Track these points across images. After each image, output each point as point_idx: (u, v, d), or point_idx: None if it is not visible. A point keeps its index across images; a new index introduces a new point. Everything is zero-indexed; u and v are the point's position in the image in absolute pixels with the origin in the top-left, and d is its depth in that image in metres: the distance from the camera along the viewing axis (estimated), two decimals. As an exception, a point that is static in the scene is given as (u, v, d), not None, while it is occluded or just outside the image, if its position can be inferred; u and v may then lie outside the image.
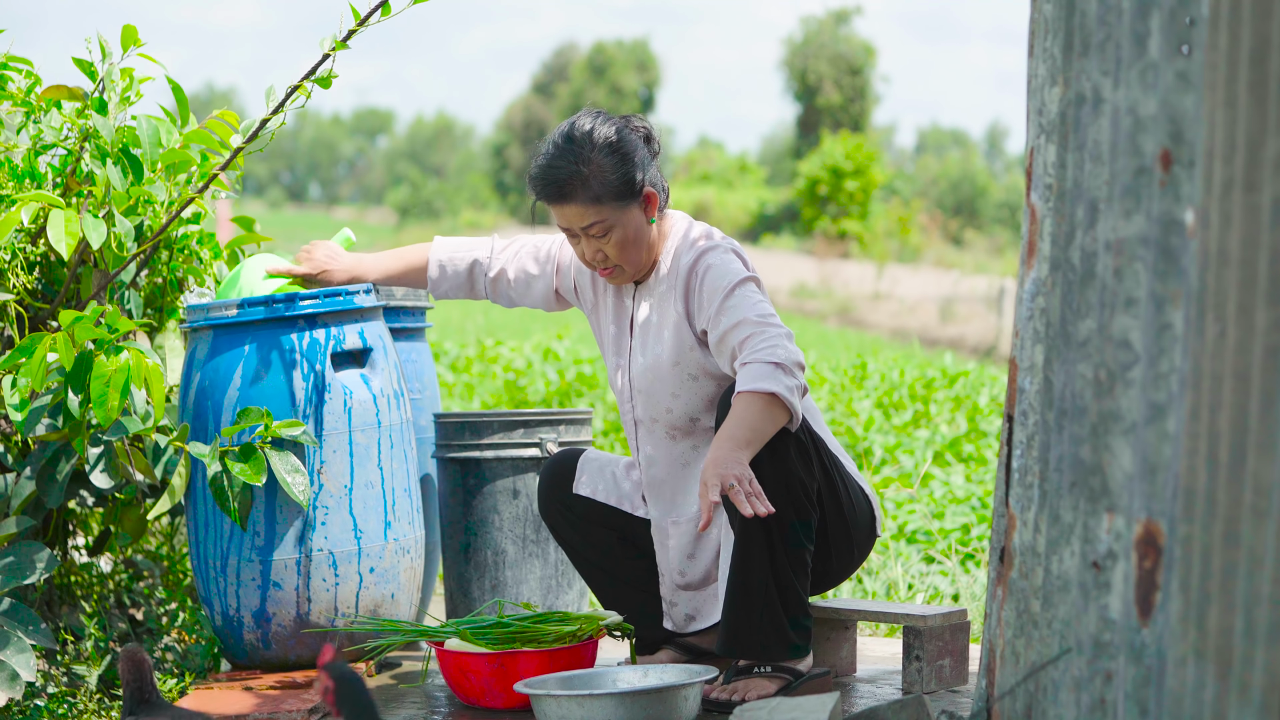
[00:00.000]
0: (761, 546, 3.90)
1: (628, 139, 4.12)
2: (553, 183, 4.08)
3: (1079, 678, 2.75)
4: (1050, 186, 2.88)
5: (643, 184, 4.11)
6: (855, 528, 4.10)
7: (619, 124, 4.15)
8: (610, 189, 4.06)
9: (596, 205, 4.06)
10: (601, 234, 4.09)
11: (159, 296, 4.85)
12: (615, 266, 4.14)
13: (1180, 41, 2.55)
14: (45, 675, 4.31)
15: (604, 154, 4.07)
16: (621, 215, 4.08)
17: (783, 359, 3.83)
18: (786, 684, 3.99)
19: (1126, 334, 2.65)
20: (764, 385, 3.80)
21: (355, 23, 4.25)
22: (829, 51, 56.19)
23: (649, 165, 4.15)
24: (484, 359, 13.36)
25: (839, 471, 4.07)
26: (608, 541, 4.33)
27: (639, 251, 4.13)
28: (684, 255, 4.13)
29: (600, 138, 4.09)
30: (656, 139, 4.24)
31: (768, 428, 3.82)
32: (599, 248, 4.11)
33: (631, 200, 4.09)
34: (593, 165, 4.06)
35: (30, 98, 4.60)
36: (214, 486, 4.18)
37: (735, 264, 4.05)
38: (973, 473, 8.58)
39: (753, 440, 3.79)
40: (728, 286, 3.99)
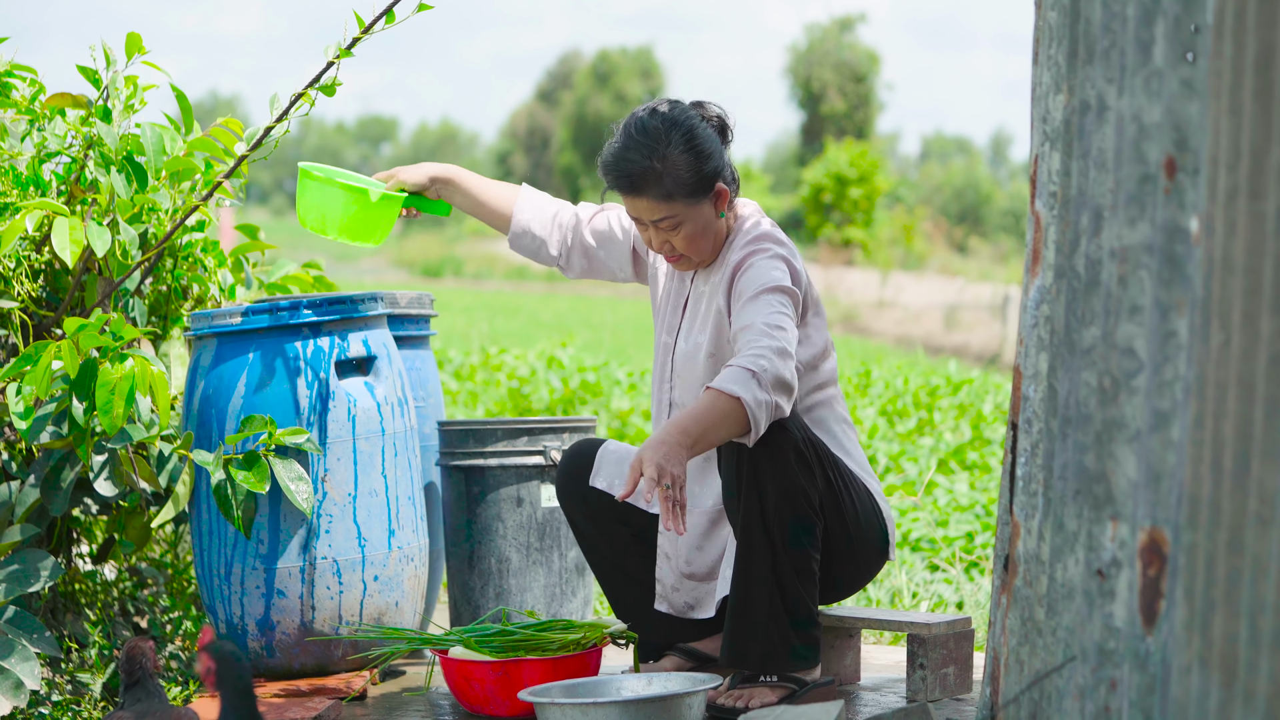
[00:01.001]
0: (763, 548, 3.90)
1: (703, 133, 4.07)
2: (625, 175, 4.05)
3: (1083, 686, 2.75)
4: (1055, 194, 2.88)
5: (716, 179, 4.06)
6: (860, 543, 4.08)
7: (694, 116, 4.09)
8: (683, 186, 4.02)
9: (668, 201, 4.03)
10: (671, 228, 4.06)
11: (163, 304, 4.85)
12: (682, 256, 4.13)
13: (1185, 49, 2.55)
14: (49, 683, 4.30)
15: (679, 150, 4.02)
16: (692, 211, 4.05)
17: (762, 369, 3.77)
18: (790, 693, 3.99)
19: (1131, 342, 2.65)
20: (732, 388, 3.74)
21: (359, 30, 4.25)
22: (833, 59, 56.18)
23: (722, 158, 4.10)
24: (488, 367, 13.35)
25: (847, 485, 4.04)
26: (623, 538, 4.30)
27: (706, 243, 4.11)
28: (737, 251, 4.10)
29: (677, 132, 4.04)
30: (731, 126, 4.18)
31: (721, 432, 3.77)
32: (667, 239, 4.09)
33: (703, 196, 4.05)
34: (668, 162, 4.01)
35: (34, 105, 4.60)
36: (218, 494, 4.18)
37: (775, 270, 4.00)
38: (977, 480, 8.57)
39: (700, 440, 3.73)
40: (756, 291, 3.95)
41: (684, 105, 4.12)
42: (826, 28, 57.40)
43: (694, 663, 4.31)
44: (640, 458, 3.69)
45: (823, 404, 4.16)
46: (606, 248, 4.42)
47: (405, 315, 5.00)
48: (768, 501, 3.87)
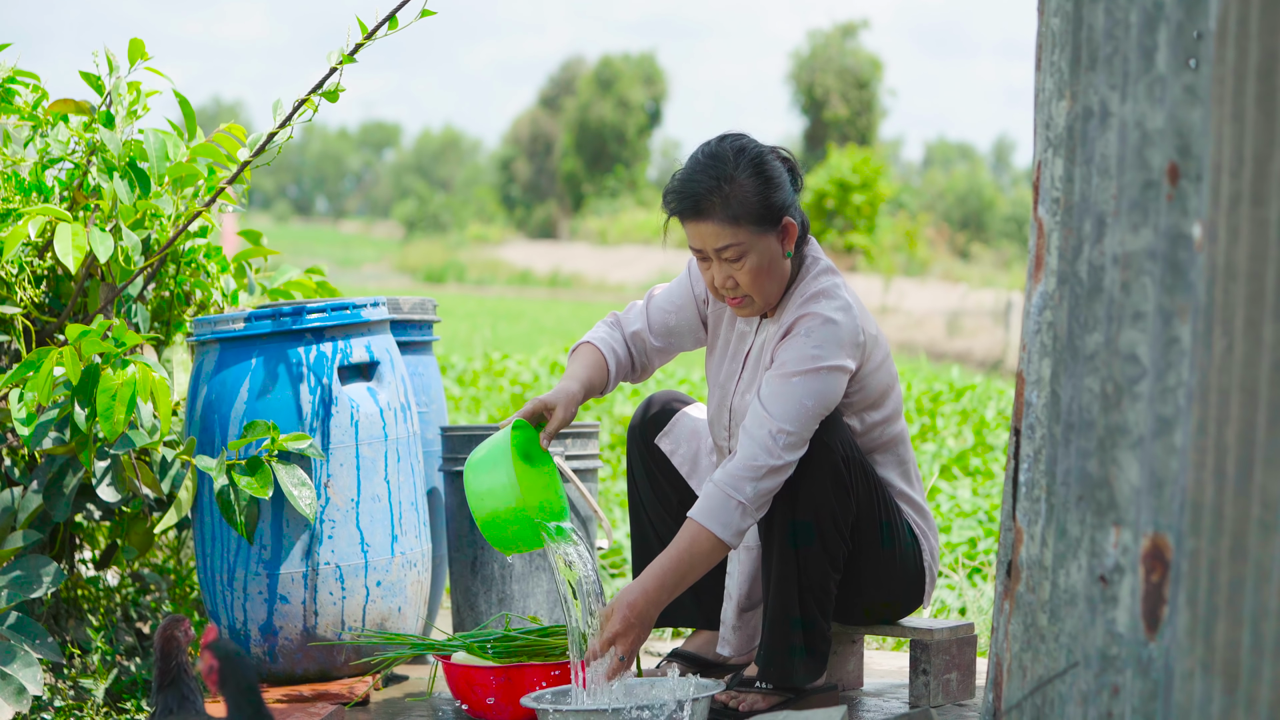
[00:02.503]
0: (781, 550, 3.91)
1: (773, 164, 3.94)
2: (690, 196, 3.90)
3: (1086, 691, 2.75)
4: (1057, 200, 2.88)
5: (783, 212, 3.93)
6: (892, 573, 4.08)
7: (764, 148, 3.97)
8: (750, 211, 3.88)
9: (734, 226, 3.87)
10: (735, 258, 3.90)
11: (166, 310, 4.85)
12: (745, 296, 3.96)
13: (1188, 55, 2.55)
14: (52, 689, 4.30)
15: (747, 173, 3.89)
16: (758, 241, 3.90)
17: (750, 496, 3.78)
18: (786, 700, 3.99)
19: (1134, 348, 2.65)
20: (715, 527, 3.78)
21: (362, 36, 4.26)
22: (836, 65, 56.19)
23: (791, 194, 3.97)
24: (491, 372, 13.36)
25: (890, 517, 4.04)
26: (669, 501, 4.30)
27: (771, 283, 3.96)
28: (792, 310, 3.98)
29: (745, 158, 3.91)
30: (800, 174, 4.05)
31: (703, 567, 3.82)
32: (730, 274, 3.92)
33: (770, 227, 3.91)
34: (735, 184, 3.88)
35: (37, 111, 4.60)
36: (220, 500, 4.18)
37: (823, 348, 3.88)
38: (979, 486, 8.57)
39: (678, 585, 3.79)
40: (794, 372, 3.86)
41: (755, 139, 4.01)
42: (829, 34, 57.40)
43: (695, 668, 4.31)
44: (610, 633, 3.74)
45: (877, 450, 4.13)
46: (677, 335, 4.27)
47: (408, 321, 5.00)
48: (798, 505, 3.87)
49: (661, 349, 4.26)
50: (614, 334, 4.24)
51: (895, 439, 4.14)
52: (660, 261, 42.92)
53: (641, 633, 3.76)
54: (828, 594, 3.96)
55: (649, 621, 3.77)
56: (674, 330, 4.25)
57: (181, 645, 3.22)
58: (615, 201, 61.64)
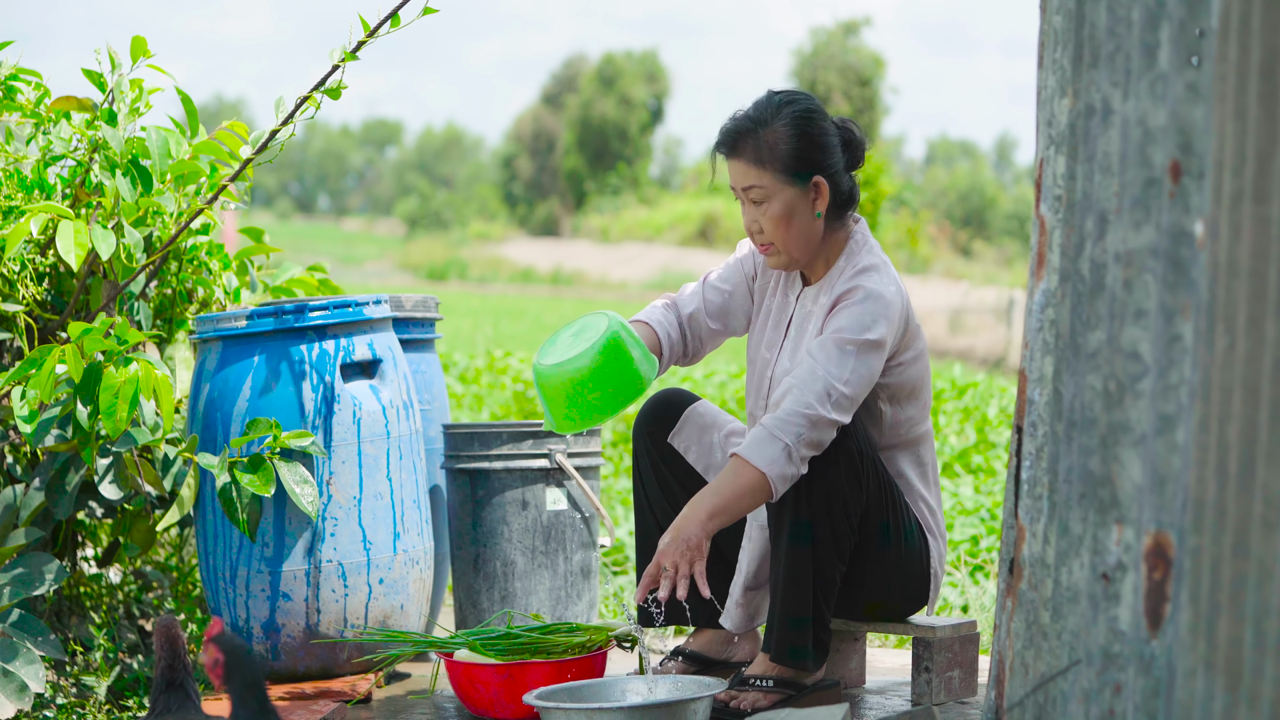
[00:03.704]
0: (789, 544, 3.92)
1: (820, 126, 4.06)
2: (728, 133, 4.08)
3: (1088, 689, 2.75)
4: (1060, 198, 2.88)
5: (815, 170, 4.04)
6: (891, 576, 4.09)
7: (822, 112, 4.10)
8: (778, 158, 4.01)
9: (759, 168, 4.02)
10: (759, 200, 4.04)
11: (168, 307, 4.85)
12: (770, 244, 4.09)
13: (1190, 53, 2.55)
14: (54, 686, 4.30)
15: (785, 122, 4.03)
16: (783, 190, 4.02)
17: (797, 438, 3.82)
18: (786, 697, 3.99)
19: (1136, 345, 2.65)
20: (760, 463, 3.82)
21: (365, 34, 4.25)
22: (838, 63, 56.12)
23: (834, 161, 4.07)
24: (493, 370, 13.35)
25: (894, 517, 4.04)
26: (676, 499, 4.31)
27: (796, 237, 4.07)
28: (844, 280, 4.04)
29: (790, 108, 4.05)
30: (861, 151, 4.13)
31: (745, 505, 3.87)
32: (755, 216, 4.06)
33: (799, 180, 4.03)
34: (770, 128, 4.03)
35: (40, 109, 4.60)
36: (223, 497, 4.18)
37: (871, 318, 3.93)
38: (982, 484, 8.57)
39: (720, 513, 3.85)
40: (843, 338, 3.91)
41: (818, 103, 4.12)
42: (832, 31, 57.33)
43: (697, 667, 4.32)
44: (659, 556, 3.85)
45: (901, 445, 4.15)
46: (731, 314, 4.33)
47: (410, 318, 5.00)
48: (805, 502, 3.88)
49: (716, 331, 4.33)
50: (669, 316, 4.31)
51: (920, 438, 4.16)
52: (663, 259, 42.92)
53: (688, 552, 3.81)
54: (833, 587, 3.97)
55: (695, 543, 3.82)
56: (727, 310, 4.32)
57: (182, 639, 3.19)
58: (617, 199, 61.58)
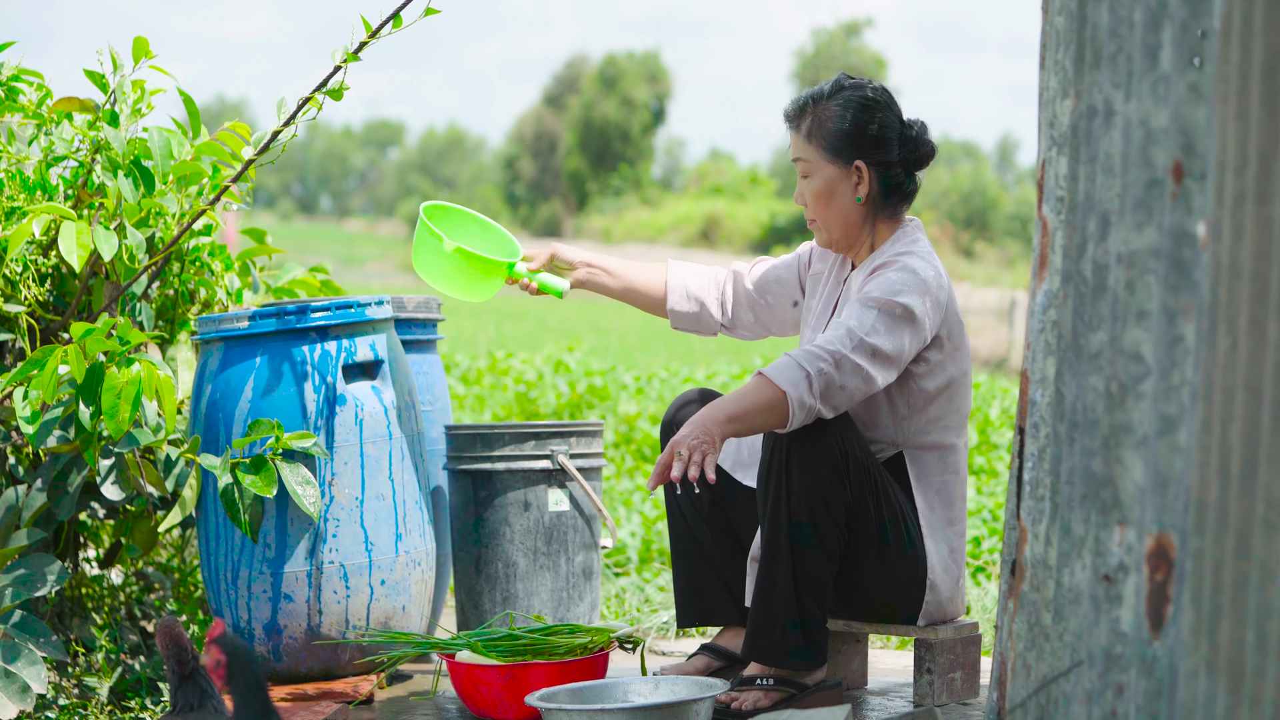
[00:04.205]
0: (779, 545, 3.93)
1: (875, 115, 4.13)
2: (792, 103, 4.20)
3: (1090, 690, 2.75)
4: (1062, 199, 2.88)
5: (860, 156, 4.11)
6: (883, 575, 4.08)
7: (884, 104, 4.16)
8: (825, 135, 4.11)
9: (808, 142, 4.14)
10: (804, 174, 4.16)
11: (170, 308, 4.85)
12: (814, 220, 4.18)
13: (1192, 54, 2.55)
14: (56, 687, 4.31)
15: (840, 103, 4.12)
16: (824, 167, 4.12)
17: (819, 372, 3.84)
18: (789, 696, 3.99)
19: (1138, 346, 2.65)
20: (782, 383, 3.84)
21: (367, 35, 4.25)
22: (840, 63, 56.14)
23: (886, 152, 4.13)
24: (495, 371, 13.35)
25: (893, 517, 4.04)
26: (700, 500, 4.34)
27: (834, 216, 4.15)
28: (888, 254, 4.11)
29: (851, 92, 4.14)
30: (920, 149, 4.18)
31: (761, 421, 3.87)
32: (802, 189, 4.17)
33: (839, 159, 4.12)
34: (823, 107, 4.13)
35: (42, 110, 4.60)
36: (225, 498, 4.18)
37: (905, 285, 3.97)
38: (984, 485, 8.56)
39: (740, 425, 3.86)
40: (876, 296, 3.95)
41: (888, 95, 4.19)
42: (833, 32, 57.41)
43: (723, 661, 4.32)
44: (673, 444, 3.84)
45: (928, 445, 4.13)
46: (778, 286, 4.42)
47: (412, 319, 5.00)
48: (792, 493, 3.89)
49: (754, 299, 4.43)
50: (706, 268, 4.50)
51: (955, 445, 4.15)
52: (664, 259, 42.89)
53: (703, 440, 3.82)
54: (825, 587, 3.97)
55: (711, 437, 3.82)
56: (774, 286, 4.43)
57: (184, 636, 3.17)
58: (619, 200, 61.60)
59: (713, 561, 4.36)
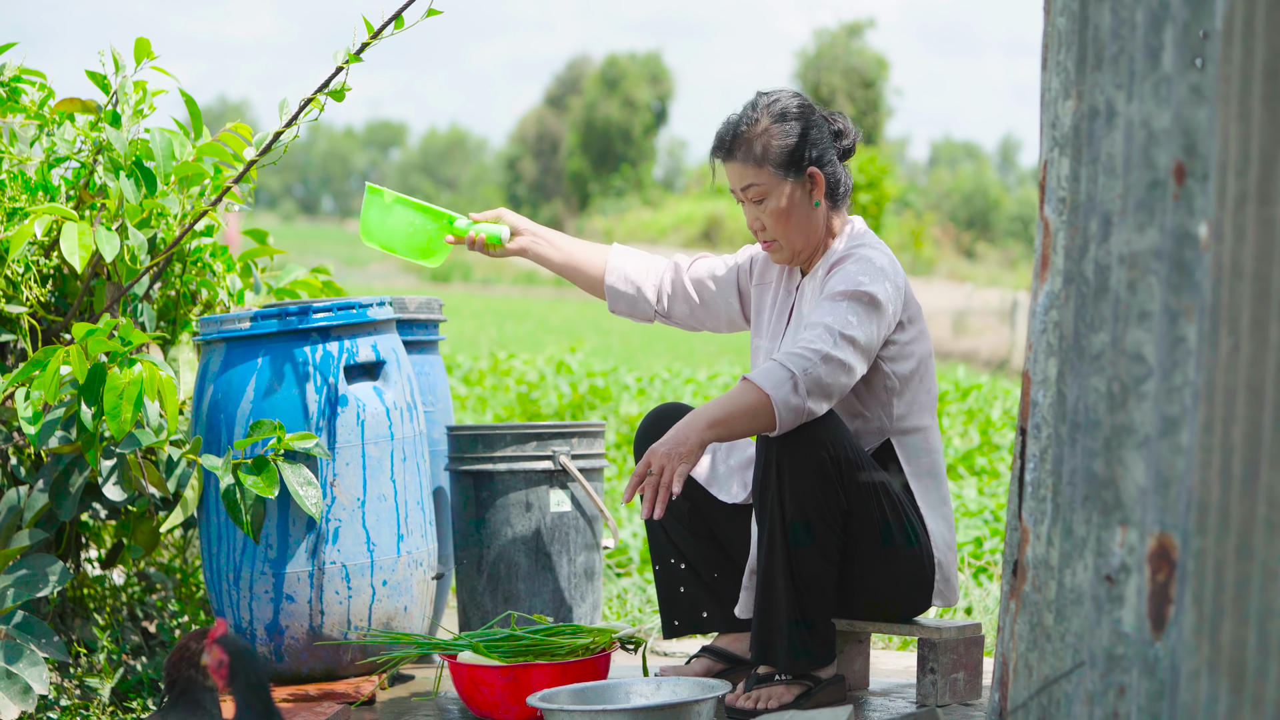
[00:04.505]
0: (777, 547, 3.93)
1: (809, 119, 4.16)
2: (720, 138, 4.18)
3: (1092, 691, 2.75)
4: (1064, 200, 2.88)
5: (810, 162, 4.13)
6: (887, 570, 4.08)
7: (809, 106, 4.19)
8: (772, 154, 4.11)
9: (755, 167, 4.12)
10: (758, 199, 4.13)
11: (172, 309, 4.85)
12: (773, 241, 4.18)
13: (1194, 55, 2.55)
14: (58, 688, 4.31)
15: (775, 120, 4.13)
16: (779, 185, 4.12)
17: (804, 371, 3.84)
18: (806, 690, 4.00)
19: (1140, 347, 2.65)
20: (766, 385, 3.85)
21: (369, 35, 4.25)
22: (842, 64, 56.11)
23: (826, 152, 4.16)
24: (497, 372, 13.36)
25: (893, 514, 4.04)
26: (679, 508, 4.35)
27: (796, 230, 4.16)
28: (837, 254, 4.13)
29: (778, 106, 4.15)
30: (851, 139, 4.23)
31: (745, 425, 3.88)
32: (757, 215, 4.15)
33: (792, 173, 4.12)
34: (759, 127, 4.12)
35: (44, 110, 4.61)
36: (227, 499, 4.18)
37: (866, 276, 4.01)
38: (985, 486, 8.57)
39: (724, 430, 3.87)
40: (840, 290, 3.98)
41: (805, 97, 4.22)
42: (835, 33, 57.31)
43: (725, 664, 4.32)
44: (648, 455, 3.87)
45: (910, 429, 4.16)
46: (712, 285, 4.45)
47: (414, 320, 5.00)
48: (786, 501, 3.89)
49: (688, 295, 4.46)
50: (650, 256, 4.53)
51: (929, 428, 4.19)
52: (666, 261, 42.90)
53: (676, 455, 3.84)
54: (826, 588, 3.98)
55: (689, 447, 3.85)
56: (709, 285, 4.45)
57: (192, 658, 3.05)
58: (621, 201, 61.62)
59: (696, 568, 4.36)
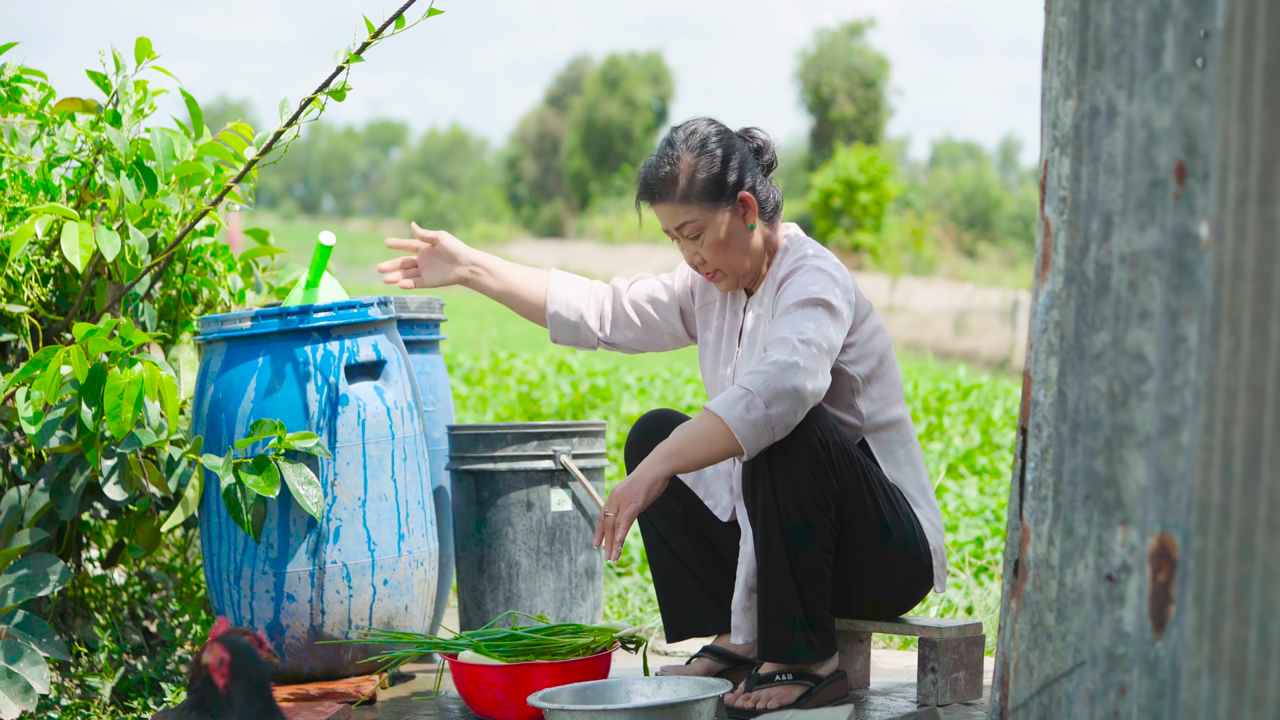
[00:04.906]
0: (774, 546, 3.92)
1: (728, 143, 4.13)
2: (644, 181, 4.16)
3: (1093, 691, 2.75)
4: (1064, 199, 2.88)
5: (737, 187, 4.10)
6: (887, 564, 4.08)
7: (725, 130, 4.16)
8: (698, 189, 4.07)
9: (685, 205, 4.09)
10: (693, 235, 4.11)
11: (173, 309, 4.85)
12: (716, 270, 4.15)
13: (1195, 54, 2.55)
14: (59, 687, 4.31)
15: (694, 154, 4.09)
16: (712, 216, 4.09)
17: (758, 388, 3.83)
18: (808, 689, 4.00)
19: (1141, 347, 2.65)
20: (720, 409, 3.85)
21: (369, 35, 4.25)
22: (843, 64, 56.13)
23: (751, 172, 4.14)
24: (498, 371, 13.36)
25: (877, 494, 4.04)
26: (673, 510, 4.35)
27: (736, 256, 4.13)
28: (784, 270, 4.11)
29: (696, 139, 4.11)
30: (771, 154, 4.22)
31: (704, 450, 3.89)
32: (695, 250, 4.13)
33: (722, 202, 4.09)
34: (681, 164, 4.09)
35: (44, 110, 4.60)
36: (227, 499, 4.18)
37: (816, 284, 4.00)
38: (986, 485, 8.56)
39: (682, 460, 3.90)
40: (793, 303, 3.97)
41: (719, 123, 4.18)
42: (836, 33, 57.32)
43: (726, 664, 4.32)
44: (610, 497, 3.92)
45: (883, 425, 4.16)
46: (652, 309, 4.44)
47: (415, 320, 5.00)
48: (779, 500, 3.89)
49: (630, 319, 4.44)
50: (588, 282, 4.48)
51: (899, 419, 4.18)
52: (667, 259, 42.93)
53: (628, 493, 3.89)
54: (824, 581, 3.98)
55: (644, 484, 3.89)
56: (648, 308, 4.43)
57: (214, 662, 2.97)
58: (622, 200, 61.59)
59: (693, 569, 4.35)
